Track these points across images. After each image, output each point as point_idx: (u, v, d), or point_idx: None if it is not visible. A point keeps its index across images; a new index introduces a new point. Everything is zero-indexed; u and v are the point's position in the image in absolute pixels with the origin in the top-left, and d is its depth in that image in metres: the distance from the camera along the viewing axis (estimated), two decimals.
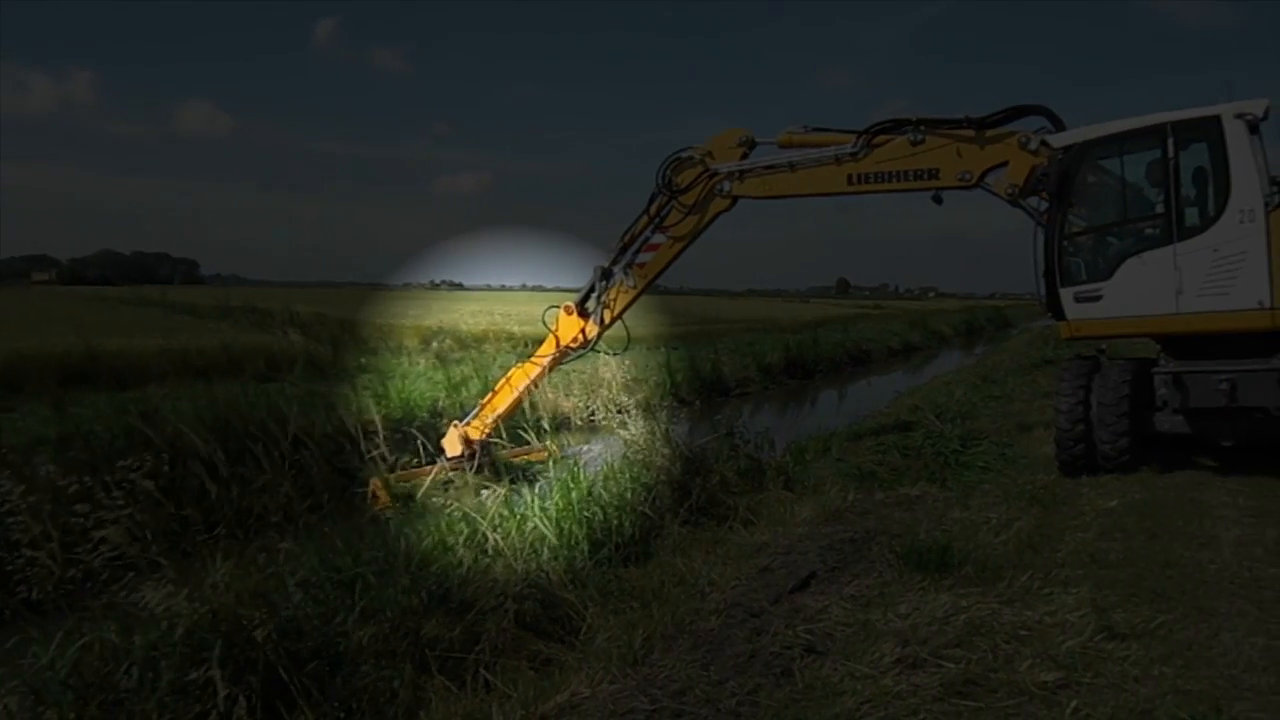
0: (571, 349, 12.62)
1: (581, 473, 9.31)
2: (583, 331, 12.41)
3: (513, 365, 13.45)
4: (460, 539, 7.42)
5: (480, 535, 7.48)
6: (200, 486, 10.76)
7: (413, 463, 12.31)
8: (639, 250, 12.15)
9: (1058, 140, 10.05)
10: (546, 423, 12.25)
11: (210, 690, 5.04)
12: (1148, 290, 9.56)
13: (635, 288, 12.20)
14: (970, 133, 10.44)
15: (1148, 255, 9.65)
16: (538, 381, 12.91)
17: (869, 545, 7.62)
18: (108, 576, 6.71)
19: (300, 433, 12.48)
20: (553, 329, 12.58)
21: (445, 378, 18.06)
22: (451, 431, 12.69)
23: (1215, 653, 5.14)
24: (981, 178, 10.46)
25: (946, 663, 5.04)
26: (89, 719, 4.96)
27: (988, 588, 6.24)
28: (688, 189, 11.72)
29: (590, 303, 12.39)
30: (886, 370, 35.52)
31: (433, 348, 22.47)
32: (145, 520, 8.07)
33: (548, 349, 12.64)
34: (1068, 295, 10.10)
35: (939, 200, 10.88)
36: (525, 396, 13.03)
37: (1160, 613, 5.70)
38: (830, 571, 6.98)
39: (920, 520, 8.54)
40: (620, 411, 13.77)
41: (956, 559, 6.78)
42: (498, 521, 7.81)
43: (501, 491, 8.69)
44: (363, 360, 21.24)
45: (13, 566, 7.50)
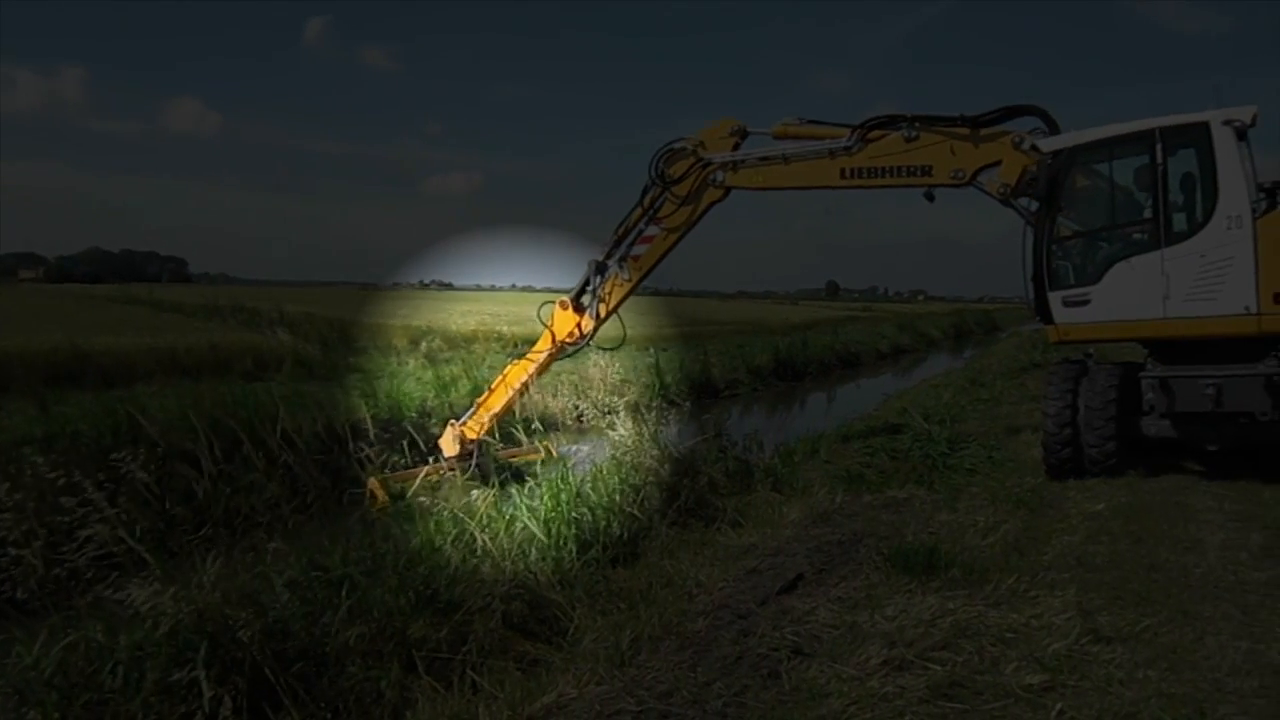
0: (568, 344, 12.59)
1: (570, 474, 9.31)
2: (578, 326, 12.39)
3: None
4: (448, 539, 7.40)
5: (468, 536, 7.47)
6: (187, 486, 10.71)
7: (400, 462, 12.28)
8: (633, 243, 12.15)
9: (1047, 145, 10.09)
10: (536, 423, 12.25)
11: (195, 690, 5.02)
12: (1135, 295, 9.60)
13: (630, 280, 12.19)
14: (964, 131, 10.48)
15: (1136, 260, 9.69)
16: (534, 378, 12.90)
17: (856, 547, 7.64)
18: (93, 575, 6.69)
19: (288, 432, 12.43)
20: (548, 324, 12.56)
21: (434, 378, 18.04)
22: (448, 431, 12.66)
23: (1199, 656, 5.16)
24: (974, 176, 10.50)
25: (933, 665, 5.06)
26: (74, 719, 4.94)
27: (974, 590, 6.26)
28: (681, 179, 11.74)
29: (585, 297, 12.38)
30: (875, 373, 35.58)
31: (422, 348, 22.42)
32: (132, 519, 8.03)
33: (544, 345, 12.61)
34: (1056, 299, 10.13)
35: (931, 197, 10.90)
36: (522, 393, 13.00)
37: (1145, 616, 5.73)
38: (818, 573, 6.99)
39: (908, 522, 8.56)
40: (609, 413, 13.77)
41: (943, 561, 6.80)
42: (486, 522, 7.80)
43: (490, 492, 8.68)
44: (351, 360, 21.20)
45: None
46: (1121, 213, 10.32)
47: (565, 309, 12.42)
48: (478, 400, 13.07)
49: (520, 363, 12.88)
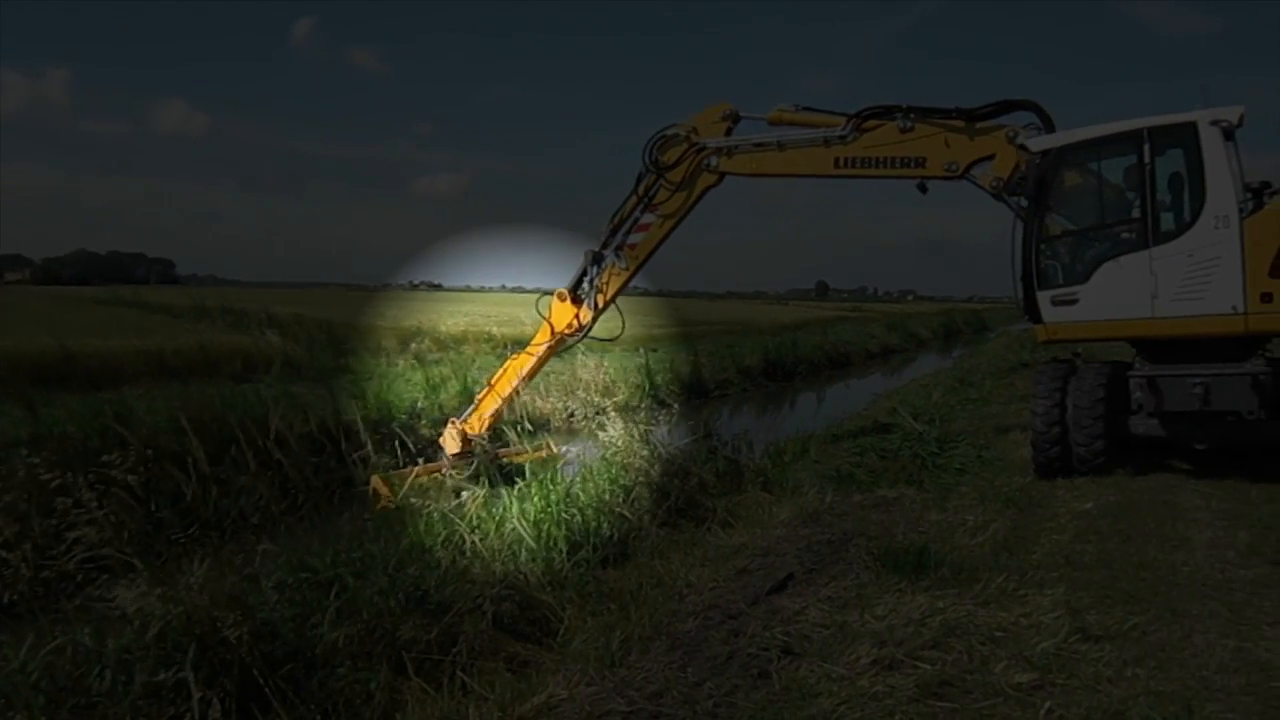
0: (567, 335, 12.57)
1: (560, 474, 9.30)
2: (577, 317, 12.39)
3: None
4: (439, 540, 7.39)
5: (458, 537, 7.46)
6: (176, 488, 10.66)
7: (389, 463, 12.24)
8: (629, 231, 12.16)
9: (1036, 144, 10.12)
10: (527, 424, 12.22)
11: (184, 693, 4.99)
12: (1123, 294, 9.64)
13: (627, 269, 12.19)
14: (959, 124, 10.53)
15: (1124, 259, 9.73)
16: (535, 372, 12.87)
17: (846, 547, 7.64)
18: (81, 578, 6.66)
19: (278, 433, 12.39)
20: (546, 316, 12.55)
21: (424, 379, 17.99)
22: (449, 429, 12.62)
23: (1187, 654, 5.18)
24: (967, 169, 10.54)
25: (923, 664, 5.06)
26: None
27: (964, 589, 6.27)
28: (674, 166, 11.77)
29: (583, 288, 12.38)
30: (865, 372, 35.64)
31: (411, 349, 22.39)
32: (120, 521, 7.99)
33: (543, 337, 12.60)
34: (1045, 299, 10.17)
35: (924, 189, 10.93)
36: (522, 388, 12.98)
37: (1133, 614, 5.75)
38: (808, 573, 6.99)
39: (897, 522, 8.58)
40: (599, 413, 13.76)
41: (933, 561, 6.81)
42: (476, 523, 7.79)
43: (480, 493, 8.66)
44: (340, 361, 21.14)
45: None
46: (1110, 212, 10.36)
47: (563, 300, 12.41)
48: (478, 396, 13.02)
49: (520, 356, 12.85)
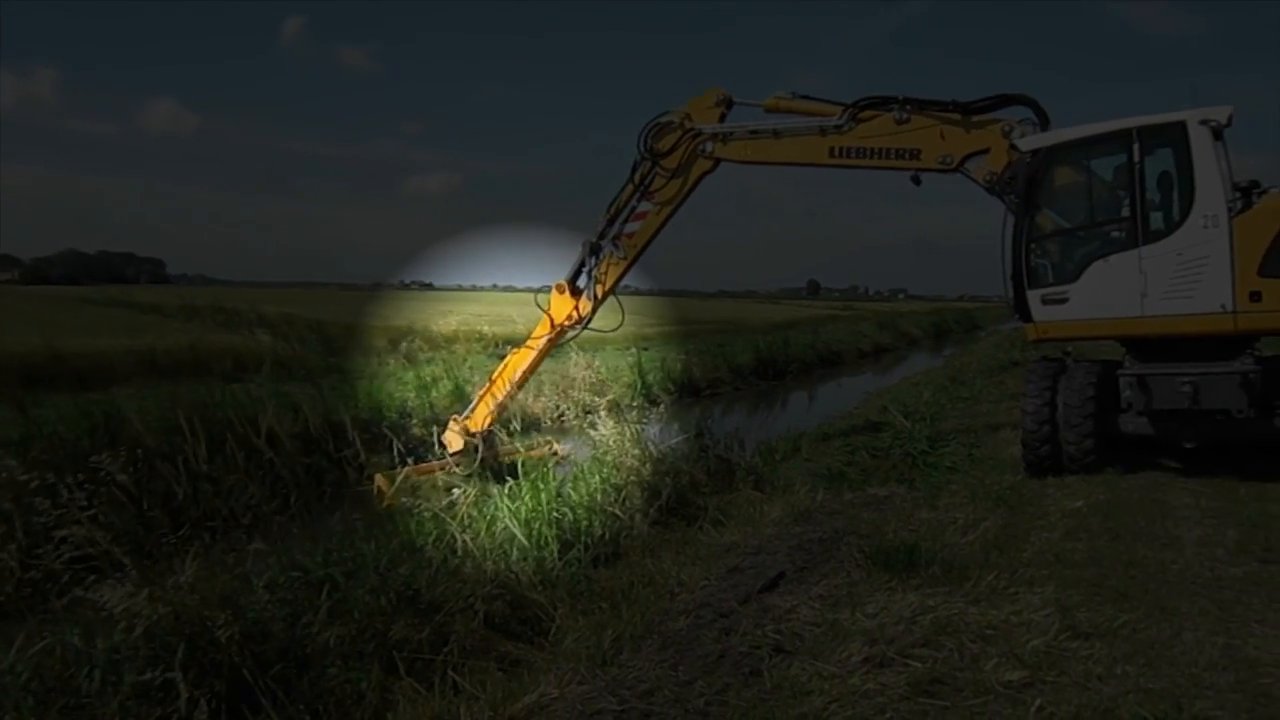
0: (567, 327, 12.55)
1: (551, 473, 9.29)
2: (576, 309, 12.37)
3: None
4: (430, 540, 7.37)
5: (449, 536, 7.44)
6: (167, 487, 10.61)
7: (380, 462, 12.20)
8: (626, 220, 12.15)
9: (1025, 144, 10.14)
10: (515, 423, 12.19)
11: (173, 693, 4.97)
12: (1113, 293, 9.67)
13: (626, 259, 12.18)
14: (956, 116, 10.54)
15: (1113, 258, 9.75)
16: (537, 364, 12.84)
17: (838, 545, 7.66)
18: (70, 578, 6.62)
19: (269, 432, 12.34)
20: (546, 309, 12.53)
21: (415, 378, 17.95)
22: (452, 425, 12.59)
23: (1177, 651, 5.20)
24: (962, 162, 10.55)
25: (913, 662, 5.08)
26: None
27: (954, 587, 6.28)
28: (670, 152, 11.76)
29: (581, 280, 12.37)
30: (856, 371, 35.66)
31: (402, 348, 22.33)
32: (109, 521, 7.95)
33: (543, 330, 12.58)
34: (1035, 297, 10.19)
35: (918, 181, 10.94)
36: (524, 381, 12.95)
37: (1123, 612, 5.77)
38: (799, 571, 7.00)
39: (888, 520, 8.59)
40: (589, 412, 13.73)
41: (924, 559, 6.82)
42: (467, 522, 7.77)
43: (471, 491, 8.64)
44: (331, 361, 21.09)
45: None
46: (1099, 211, 10.38)
47: (562, 292, 12.38)
48: (480, 392, 12.98)
49: (521, 351, 12.80)
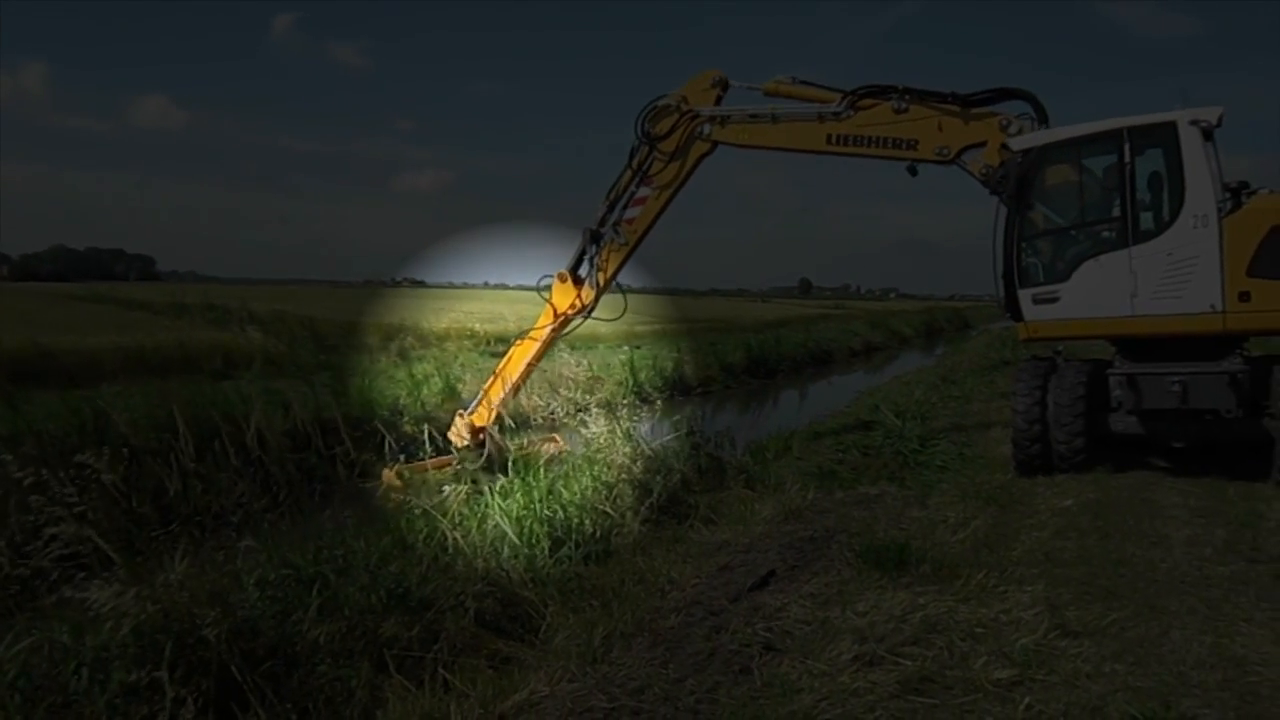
0: (570, 316, 12.49)
1: (543, 471, 9.28)
2: (579, 297, 12.32)
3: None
4: (420, 537, 7.37)
5: (440, 534, 7.43)
6: (156, 484, 10.58)
7: (364, 459, 12.18)
8: (626, 206, 12.12)
9: (1016, 144, 10.16)
10: (510, 422, 12.17)
11: (161, 691, 4.95)
12: (1103, 292, 9.70)
13: (627, 245, 12.13)
14: (954, 108, 10.55)
15: (1104, 258, 9.77)
16: (541, 355, 12.81)
17: (828, 544, 7.67)
18: (59, 575, 6.60)
19: (259, 430, 12.32)
20: (548, 299, 12.48)
21: (407, 376, 17.92)
22: (457, 421, 12.55)
23: (1165, 650, 5.23)
24: (959, 154, 10.56)
25: (903, 660, 5.09)
26: None
27: (944, 586, 6.30)
28: (667, 135, 11.75)
29: (583, 268, 12.34)
30: (847, 370, 35.73)
31: (394, 345, 22.28)
32: (98, 518, 7.93)
33: (545, 320, 12.54)
34: (1026, 297, 10.21)
35: (914, 172, 10.95)
36: (530, 373, 12.91)
37: (1112, 611, 5.79)
38: (790, 570, 7.01)
39: (879, 519, 8.61)
40: (581, 410, 13.72)
41: (914, 557, 6.84)
42: (458, 520, 7.77)
43: (463, 489, 8.63)
44: (322, 358, 21.02)
45: None
46: (1090, 211, 10.40)
47: (564, 281, 12.33)
48: (484, 386, 12.90)
49: (524, 342, 12.74)
